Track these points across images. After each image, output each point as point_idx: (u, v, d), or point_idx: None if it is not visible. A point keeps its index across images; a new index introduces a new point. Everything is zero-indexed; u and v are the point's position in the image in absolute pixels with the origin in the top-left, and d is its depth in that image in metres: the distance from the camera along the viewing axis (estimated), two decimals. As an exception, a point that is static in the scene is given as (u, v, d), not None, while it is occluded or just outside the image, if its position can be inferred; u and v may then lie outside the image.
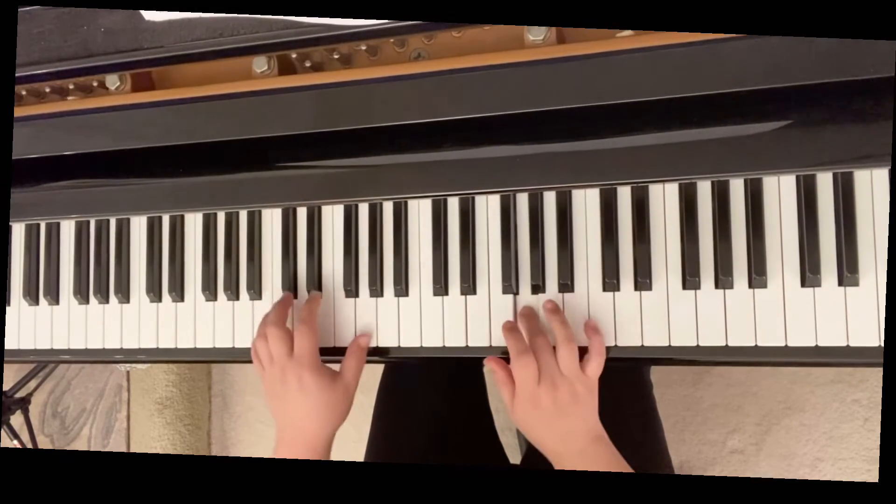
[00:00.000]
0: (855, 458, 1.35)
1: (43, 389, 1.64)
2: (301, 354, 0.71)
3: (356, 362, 0.75)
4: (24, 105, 0.74)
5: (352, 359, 0.75)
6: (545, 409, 0.66)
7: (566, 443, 0.67)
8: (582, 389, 0.67)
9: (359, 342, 0.76)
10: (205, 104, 0.68)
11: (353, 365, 0.75)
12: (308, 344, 0.72)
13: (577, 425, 0.67)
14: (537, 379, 0.67)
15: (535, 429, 0.69)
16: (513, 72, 0.60)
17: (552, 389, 0.66)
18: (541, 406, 0.67)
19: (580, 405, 0.67)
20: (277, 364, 0.72)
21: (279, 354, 0.72)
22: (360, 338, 0.76)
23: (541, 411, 0.67)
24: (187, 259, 0.84)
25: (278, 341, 0.72)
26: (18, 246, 0.90)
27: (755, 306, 0.68)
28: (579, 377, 0.67)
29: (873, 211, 0.65)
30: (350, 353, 0.75)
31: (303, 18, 0.62)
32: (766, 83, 0.56)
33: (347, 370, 0.74)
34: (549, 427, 0.68)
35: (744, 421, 1.40)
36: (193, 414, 1.64)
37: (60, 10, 0.68)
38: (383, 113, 0.64)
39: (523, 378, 0.67)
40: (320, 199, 0.74)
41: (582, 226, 0.72)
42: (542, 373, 0.66)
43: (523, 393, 0.67)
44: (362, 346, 0.76)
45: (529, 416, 0.68)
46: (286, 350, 0.72)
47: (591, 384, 0.68)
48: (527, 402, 0.67)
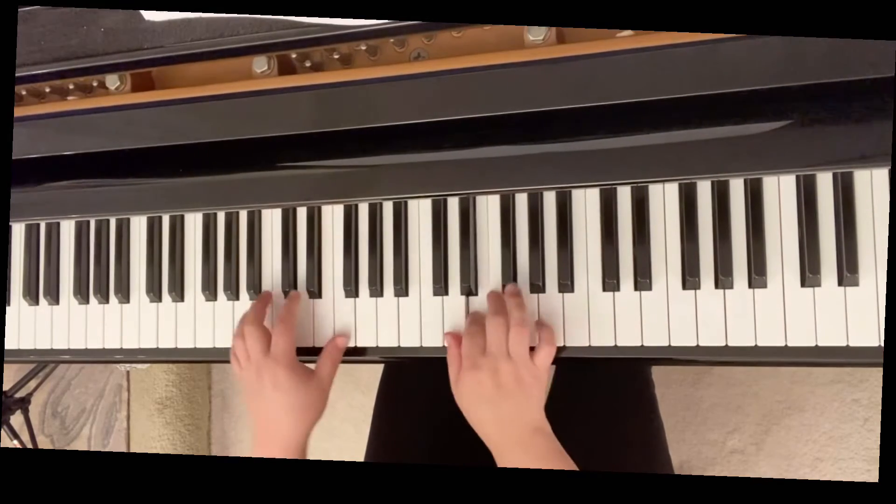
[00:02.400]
0: (855, 458, 1.35)
1: (43, 389, 1.64)
2: (277, 353, 0.72)
3: (331, 362, 0.76)
4: (24, 105, 0.74)
5: (327, 358, 0.76)
6: (485, 387, 0.65)
7: (504, 430, 0.66)
8: (527, 375, 0.66)
9: (336, 342, 0.76)
10: (205, 104, 0.68)
11: (327, 364, 0.75)
12: (284, 342, 0.72)
13: (516, 413, 0.65)
14: (482, 349, 0.66)
15: (474, 409, 0.67)
16: (513, 72, 0.60)
17: (495, 367, 0.65)
18: (481, 382, 0.66)
19: (522, 391, 0.65)
20: (253, 362, 0.73)
21: (255, 352, 0.72)
22: (337, 338, 0.77)
23: (481, 388, 0.66)
24: (187, 259, 0.84)
25: (255, 340, 0.72)
26: (18, 246, 0.90)
27: (755, 306, 0.68)
28: (526, 362, 0.66)
29: (873, 211, 0.65)
30: (326, 353, 0.76)
31: (303, 18, 0.62)
32: (766, 83, 0.56)
33: (322, 369, 0.75)
34: (489, 409, 0.66)
35: (744, 421, 1.40)
36: (193, 414, 1.64)
37: (60, 10, 0.68)
38: (383, 113, 0.64)
39: (468, 347, 0.67)
40: (320, 199, 0.74)
41: (582, 226, 0.72)
42: (489, 349, 0.66)
43: (467, 363, 0.67)
44: (339, 347, 0.76)
45: (470, 393, 0.67)
46: (262, 348, 0.72)
47: (538, 373, 0.67)
48: (469, 376, 0.67)
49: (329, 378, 0.75)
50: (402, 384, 0.95)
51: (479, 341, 0.67)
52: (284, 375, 0.71)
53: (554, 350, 0.68)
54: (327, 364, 0.75)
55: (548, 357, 0.68)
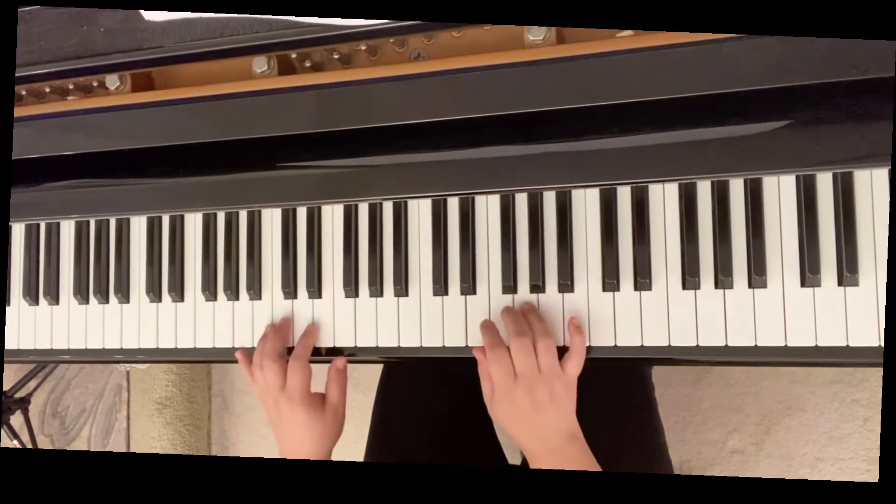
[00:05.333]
0: (855, 458, 1.35)
1: (43, 389, 1.64)
2: (292, 389, 0.74)
3: (338, 385, 0.77)
4: (24, 105, 0.74)
5: (334, 383, 0.77)
6: (521, 407, 0.66)
7: (542, 441, 0.67)
8: (560, 388, 0.67)
9: (336, 366, 0.78)
10: (205, 104, 0.68)
11: (335, 389, 0.77)
12: (299, 380, 0.74)
13: (553, 424, 0.67)
14: (511, 373, 0.67)
15: (512, 426, 0.68)
16: (513, 72, 0.60)
17: (530, 388, 0.66)
18: (517, 404, 0.66)
19: (557, 404, 0.66)
20: (271, 395, 0.75)
21: (273, 386, 0.75)
22: (336, 361, 0.78)
23: (517, 409, 0.67)
24: (187, 259, 0.84)
25: (272, 374, 0.75)
26: (18, 246, 0.90)
27: (755, 306, 0.68)
28: (558, 375, 0.67)
29: (873, 211, 0.65)
30: (331, 379, 0.78)
31: (303, 18, 0.62)
32: (766, 83, 0.56)
33: (332, 394, 0.77)
34: (526, 425, 0.67)
35: (744, 421, 1.40)
36: (193, 414, 1.64)
37: (60, 10, 0.68)
38: (383, 113, 0.64)
39: (497, 373, 0.67)
40: (320, 199, 0.74)
41: (582, 226, 0.72)
42: (520, 371, 0.67)
43: (499, 389, 0.67)
44: (340, 369, 0.78)
45: (506, 412, 0.68)
46: (280, 383, 0.75)
47: (569, 382, 0.68)
48: (503, 399, 0.67)
49: (341, 401, 0.77)
50: (401, 384, 0.95)
51: (507, 365, 0.67)
52: (301, 411, 0.74)
53: (583, 359, 0.69)
54: (334, 388, 0.77)
55: (578, 366, 0.68)
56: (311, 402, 0.75)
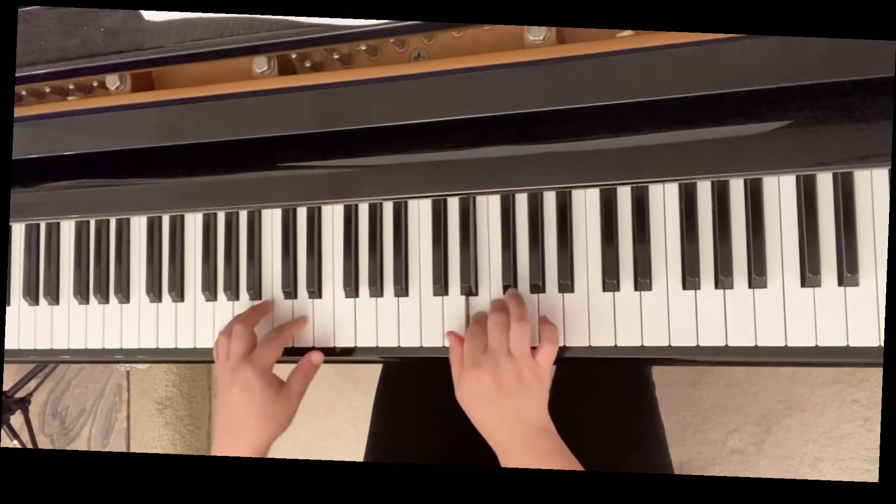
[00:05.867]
0: (855, 458, 1.35)
1: (43, 389, 1.64)
2: (257, 358, 0.72)
3: (303, 376, 0.75)
4: (24, 105, 0.74)
5: (300, 372, 0.75)
6: (487, 385, 0.65)
7: (507, 430, 0.65)
8: (528, 374, 0.65)
9: (311, 358, 0.76)
10: (205, 104, 0.68)
11: (299, 378, 0.75)
12: (268, 352, 0.73)
13: (519, 412, 0.65)
14: (482, 347, 0.66)
15: (476, 407, 0.67)
16: (513, 72, 0.60)
17: (496, 364, 0.65)
18: (482, 380, 0.65)
19: (525, 390, 0.65)
20: (231, 361, 0.72)
21: (235, 352, 0.72)
22: (312, 354, 0.76)
23: (482, 387, 0.65)
24: (187, 259, 0.84)
25: (239, 340, 0.72)
26: (18, 246, 0.90)
27: (755, 306, 0.68)
28: (527, 360, 0.66)
29: (873, 211, 0.65)
30: (299, 367, 0.75)
31: (303, 18, 0.62)
32: (766, 83, 0.56)
33: (293, 382, 0.74)
34: (491, 407, 0.65)
35: (744, 421, 1.40)
36: (193, 414, 1.64)
37: (60, 10, 0.68)
38: (383, 113, 0.64)
39: (469, 346, 0.67)
40: (320, 199, 0.74)
41: (582, 226, 0.72)
42: (490, 346, 0.66)
43: (468, 362, 0.66)
44: (314, 364, 0.76)
45: (472, 391, 0.66)
46: (244, 351, 0.72)
47: (541, 372, 0.66)
48: (470, 374, 0.66)
49: (298, 393, 0.74)
50: (401, 384, 0.95)
51: (480, 340, 0.67)
52: (256, 381, 0.71)
53: (556, 348, 0.68)
54: (299, 378, 0.74)
55: (550, 355, 0.67)
56: (269, 377, 0.72)
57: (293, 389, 0.74)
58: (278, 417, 0.72)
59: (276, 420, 0.72)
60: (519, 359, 0.65)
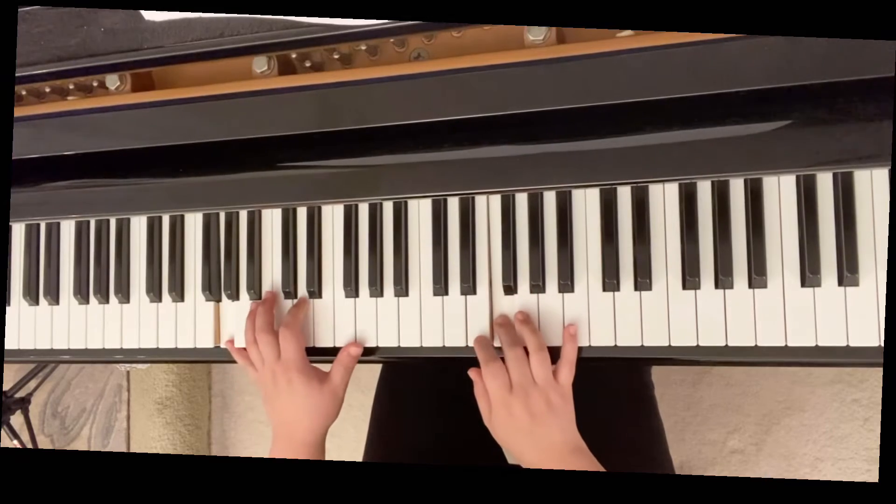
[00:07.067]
0: (855, 458, 1.35)
1: (43, 389, 1.64)
2: (287, 358, 0.73)
3: (344, 369, 0.76)
4: (24, 105, 0.74)
5: (339, 366, 0.76)
6: (519, 419, 0.66)
7: (546, 455, 0.67)
8: (556, 398, 0.67)
9: (349, 351, 0.77)
10: (205, 104, 0.68)
11: (340, 371, 0.76)
12: (293, 347, 0.74)
13: (554, 436, 0.66)
14: (507, 385, 0.67)
15: (513, 441, 0.68)
16: (513, 72, 0.60)
17: (525, 398, 0.66)
18: (515, 415, 0.66)
19: (555, 414, 0.66)
20: (268, 367, 0.75)
21: (269, 358, 0.74)
22: (350, 346, 0.77)
23: (515, 421, 0.67)
24: (187, 259, 0.84)
25: (267, 346, 0.74)
26: (18, 246, 0.90)
27: (755, 306, 0.68)
28: (552, 385, 0.67)
29: (873, 211, 0.65)
30: (338, 361, 0.77)
31: (303, 18, 0.62)
32: (766, 83, 0.56)
33: (335, 375, 0.76)
34: (527, 438, 0.67)
35: (744, 421, 1.40)
36: (193, 414, 1.64)
37: (60, 10, 0.68)
38: (383, 113, 0.64)
39: (494, 388, 0.68)
40: (320, 199, 0.74)
41: (582, 226, 0.72)
42: (515, 382, 0.67)
43: (496, 402, 0.68)
44: (353, 356, 0.77)
45: (506, 427, 0.68)
46: (275, 354, 0.74)
47: (565, 392, 0.68)
48: (501, 412, 0.67)
49: (342, 384, 0.76)
50: (400, 384, 0.95)
51: (502, 378, 0.68)
52: (298, 379, 0.73)
53: (574, 367, 0.69)
54: (340, 371, 0.76)
55: (570, 375, 0.68)
56: (309, 372, 0.74)
57: (335, 381, 0.76)
58: (326, 409, 0.75)
59: (324, 412, 0.75)
60: (544, 386, 0.67)
